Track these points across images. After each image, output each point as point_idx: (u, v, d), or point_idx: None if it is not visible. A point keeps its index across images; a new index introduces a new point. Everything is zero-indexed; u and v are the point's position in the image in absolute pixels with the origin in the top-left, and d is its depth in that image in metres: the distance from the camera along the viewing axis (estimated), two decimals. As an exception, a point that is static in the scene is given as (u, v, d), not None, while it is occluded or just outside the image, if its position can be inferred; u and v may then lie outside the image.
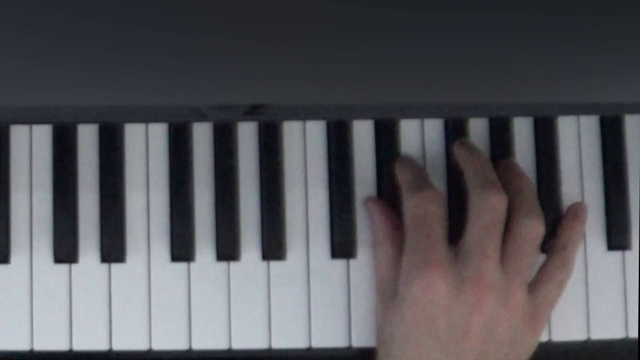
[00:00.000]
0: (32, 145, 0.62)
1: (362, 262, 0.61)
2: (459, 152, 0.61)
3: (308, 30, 0.30)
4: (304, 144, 0.62)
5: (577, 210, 0.60)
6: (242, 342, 0.61)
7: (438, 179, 0.62)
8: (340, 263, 0.61)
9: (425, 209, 0.57)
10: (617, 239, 0.62)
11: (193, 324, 0.61)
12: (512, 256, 0.56)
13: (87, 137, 0.62)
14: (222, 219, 0.61)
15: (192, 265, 0.61)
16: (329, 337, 0.61)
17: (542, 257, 0.60)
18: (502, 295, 0.55)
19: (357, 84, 0.37)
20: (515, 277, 0.56)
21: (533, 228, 0.57)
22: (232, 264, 0.61)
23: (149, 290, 0.61)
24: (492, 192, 0.57)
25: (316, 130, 0.62)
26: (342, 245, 0.61)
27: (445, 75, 0.36)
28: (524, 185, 0.59)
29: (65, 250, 0.61)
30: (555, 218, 0.61)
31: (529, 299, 0.57)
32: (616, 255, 0.62)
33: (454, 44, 0.32)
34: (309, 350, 0.61)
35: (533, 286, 0.58)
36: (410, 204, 0.57)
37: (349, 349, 0.61)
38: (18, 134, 0.62)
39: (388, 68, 0.35)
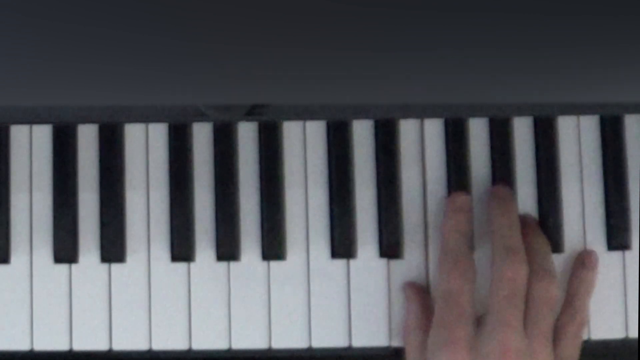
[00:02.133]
0: (32, 145, 0.62)
1: (362, 262, 0.61)
2: (491, 206, 0.61)
3: (308, 30, 0.30)
4: (304, 144, 0.62)
5: (584, 258, 0.61)
6: (242, 342, 0.61)
7: (438, 179, 0.62)
8: (340, 263, 0.61)
9: (457, 285, 0.57)
10: (617, 239, 0.62)
11: (193, 324, 0.61)
12: (533, 319, 0.57)
13: (87, 137, 0.62)
14: (222, 219, 0.61)
15: (192, 265, 0.61)
16: (329, 337, 0.61)
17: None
18: (527, 359, 0.56)
19: (357, 84, 0.37)
20: (539, 339, 0.57)
21: (548, 291, 0.58)
22: (232, 264, 0.61)
23: (149, 290, 0.61)
24: (514, 262, 0.58)
25: (316, 130, 0.62)
26: (342, 245, 0.61)
27: (445, 75, 0.36)
28: (541, 246, 0.60)
29: (65, 250, 0.61)
30: (555, 219, 0.62)
31: (553, 356, 0.57)
32: (616, 255, 0.62)
33: (454, 44, 0.32)
34: (309, 350, 0.61)
35: (554, 343, 0.58)
36: (444, 276, 0.58)
37: (349, 349, 0.61)
38: (18, 134, 0.62)
39: (388, 68, 0.35)
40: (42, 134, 0.62)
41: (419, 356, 0.58)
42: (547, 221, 0.62)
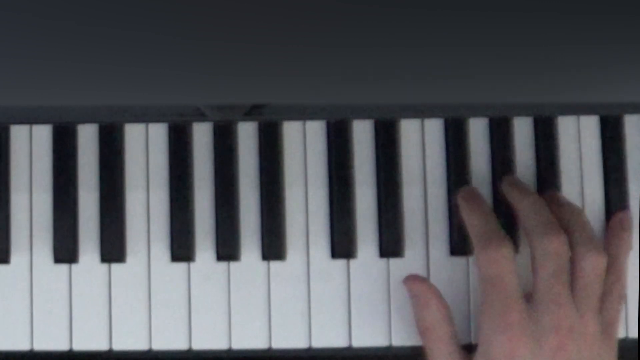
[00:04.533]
0: (32, 145, 0.62)
1: (362, 262, 0.61)
2: (510, 193, 0.60)
3: (308, 29, 0.30)
4: (304, 144, 0.62)
5: (622, 219, 0.61)
6: (242, 342, 0.61)
7: (438, 179, 0.62)
8: (340, 263, 0.61)
9: (497, 267, 0.56)
10: (617, 239, 0.62)
11: (193, 324, 0.61)
12: (582, 293, 0.57)
13: (87, 137, 0.62)
14: (222, 219, 0.61)
15: (192, 265, 0.61)
16: (329, 337, 0.61)
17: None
18: (580, 333, 0.55)
19: (357, 84, 0.37)
20: (588, 311, 0.56)
21: (596, 262, 0.57)
22: (232, 264, 0.61)
23: (149, 290, 0.61)
24: (553, 237, 0.57)
25: (316, 130, 0.62)
26: (342, 245, 0.61)
27: (445, 75, 0.36)
28: (576, 217, 0.59)
29: (65, 250, 0.61)
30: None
31: (599, 322, 0.57)
32: (616, 255, 0.62)
33: (454, 43, 0.32)
34: (309, 350, 0.61)
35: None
36: (482, 262, 0.57)
37: (349, 349, 0.61)
38: (18, 134, 0.62)
39: (388, 68, 0.35)
40: (42, 134, 0.62)
41: (452, 348, 0.58)
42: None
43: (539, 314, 0.56)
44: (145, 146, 0.62)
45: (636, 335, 0.61)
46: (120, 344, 0.61)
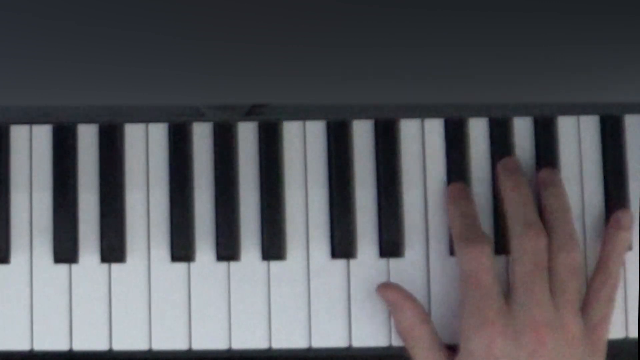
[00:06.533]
0: (32, 145, 0.62)
1: (362, 262, 0.61)
2: (502, 181, 0.60)
3: (308, 29, 0.30)
4: (304, 144, 0.62)
5: (619, 218, 0.60)
6: (242, 342, 0.61)
7: (438, 179, 0.62)
8: (340, 263, 0.61)
9: (475, 264, 0.57)
10: (617, 239, 0.62)
11: (193, 324, 0.61)
12: (559, 289, 0.57)
13: (87, 137, 0.62)
14: (222, 219, 0.61)
15: (192, 265, 0.61)
16: (328, 337, 0.61)
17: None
18: (559, 331, 0.55)
19: (357, 84, 0.38)
20: (566, 308, 0.56)
21: (571, 259, 0.57)
22: (232, 264, 0.61)
23: (149, 290, 0.61)
24: (531, 234, 0.57)
25: (316, 130, 0.62)
26: (342, 245, 0.61)
27: (445, 75, 0.36)
28: (560, 211, 0.59)
29: (65, 250, 0.61)
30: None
31: (584, 322, 0.57)
32: (616, 255, 0.62)
33: (454, 43, 0.32)
34: (309, 350, 0.61)
35: (584, 307, 0.58)
36: (461, 258, 0.58)
37: (349, 349, 0.61)
38: (18, 134, 0.62)
39: (388, 68, 0.35)
40: (42, 134, 0.62)
41: (433, 347, 0.58)
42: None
43: (517, 311, 0.56)
44: (145, 146, 0.62)
45: (636, 335, 0.61)
46: (120, 344, 0.61)
